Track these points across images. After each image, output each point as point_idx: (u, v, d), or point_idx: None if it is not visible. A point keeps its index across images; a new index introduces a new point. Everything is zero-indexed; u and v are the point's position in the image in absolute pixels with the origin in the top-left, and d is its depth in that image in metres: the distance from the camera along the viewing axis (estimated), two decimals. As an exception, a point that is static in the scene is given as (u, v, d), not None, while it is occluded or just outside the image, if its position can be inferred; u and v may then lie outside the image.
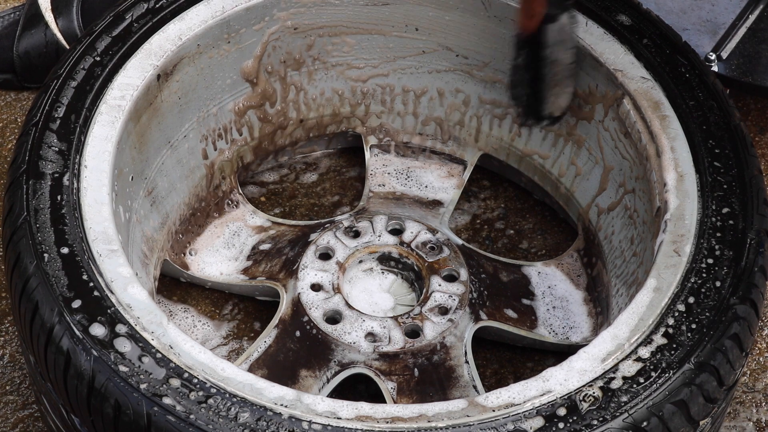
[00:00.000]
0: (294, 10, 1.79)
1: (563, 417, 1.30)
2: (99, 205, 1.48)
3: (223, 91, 1.79)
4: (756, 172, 1.56)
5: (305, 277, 1.71)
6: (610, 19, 1.70)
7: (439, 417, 1.30)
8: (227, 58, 1.76)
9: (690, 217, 1.50)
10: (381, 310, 1.72)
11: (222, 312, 1.79)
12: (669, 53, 1.67)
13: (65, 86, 1.59)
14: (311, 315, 1.67)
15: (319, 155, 1.99)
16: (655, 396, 1.32)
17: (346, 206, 1.93)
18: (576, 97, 1.74)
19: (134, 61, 1.64)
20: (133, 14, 1.68)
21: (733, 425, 1.72)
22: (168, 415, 1.28)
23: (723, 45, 1.99)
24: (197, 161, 1.80)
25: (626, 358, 1.36)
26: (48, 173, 1.50)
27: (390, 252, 1.77)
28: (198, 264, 1.79)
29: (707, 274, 1.44)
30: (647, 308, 1.41)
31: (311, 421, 1.29)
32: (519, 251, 1.88)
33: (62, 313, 1.36)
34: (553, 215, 1.92)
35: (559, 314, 1.75)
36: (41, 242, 1.42)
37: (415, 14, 1.83)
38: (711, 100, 1.62)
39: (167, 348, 1.34)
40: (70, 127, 1.55)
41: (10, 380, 1.74)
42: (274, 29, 1.79)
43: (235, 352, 1.74)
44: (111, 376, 1.31)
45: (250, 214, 1.85)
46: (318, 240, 1.76)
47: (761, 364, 1.79)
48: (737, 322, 1.40)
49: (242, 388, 1.31)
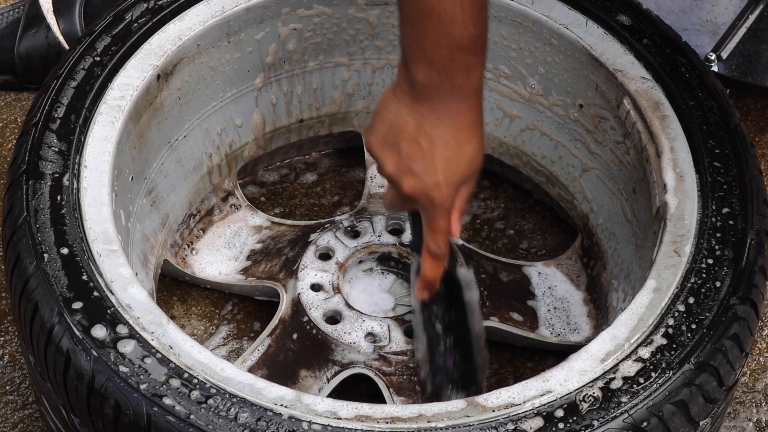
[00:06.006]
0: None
1: (563, 417, 1.30)
2: (99, 206, 1.48)
3: (223, 90, 1.79)
4: (756, 172, 1.56)
5: (305, 277, 1.71)
6: (610, 19, 1.70)
7: (438, 417, 1.30)
8: (227, 58, 1.76)
9: (690, 217, 1.50)
10: (381, 310, 1.72)
11: (222, 312, 1.79)
12: (669, 53, 1.67)
13: (65, 86, 1.59)
14: (311, 315, 1.67)
15: (319, 155, 1.99)
16: (655, 396, 1.32)
17: (346, 206, 1.93)
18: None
19: (134, 61, 1.64)
20: (132, 14, 1.68)
21: (733, 425, 1.72)
22: (168, 415, 1.28)
23: (723, 45, 1.99)
24: (197, 161, 1.80)
25: (626, 359, 1.36)
26: (48, 173, 1.50)
27: (390, 252, 1.77)
28: (198, 264, 1.79)
29: (707, 274, 1.44)
30: (647, 308, 1.41)
31: (311, 421, 1.29)
32: (519, 251, 1.88)
33: (62, 313, 1.36)
34: (553, 215, 1.92)
35: (559, 315, 1.75)
36: (41, 242, 1.42)
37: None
38: (711, 100, 1.62)
39: (167, 348, 1.34)
40: (70, 127, 1.55)
41: (10, 380, 1.74)
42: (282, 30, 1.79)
43: (235, 352, 1.74)
44: (111, 377, 1.31)
45: (250, 214, 1.85)
46: (318, 240, 1.76)
47: (761, 364, 1.79)
48: (737, 322, 1.40)
49: (242, 388, 1.31)
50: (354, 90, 1.91)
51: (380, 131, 1.38)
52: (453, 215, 1.40)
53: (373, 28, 1.85)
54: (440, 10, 1.26)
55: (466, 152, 1.35)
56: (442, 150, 1.34)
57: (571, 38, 1.71)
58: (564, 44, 1.72)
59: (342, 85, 1.90)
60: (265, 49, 1.80)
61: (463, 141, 1.34)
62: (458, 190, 1.38)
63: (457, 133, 1.34)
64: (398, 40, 1.34)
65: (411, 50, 1.31)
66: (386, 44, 1.87)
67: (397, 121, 1.35)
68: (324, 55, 1.86)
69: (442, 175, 1.35)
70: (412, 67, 1.31)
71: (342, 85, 1.90)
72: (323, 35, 1.83)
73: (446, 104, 1.32)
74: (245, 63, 1.79)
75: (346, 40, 1.85)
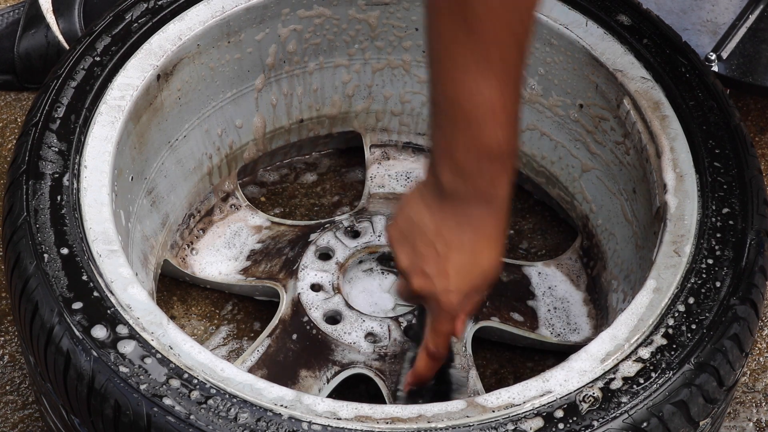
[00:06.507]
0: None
1: (563, 417, 1.30)
2: (99, 206, 1.48)
3: (223, 91, 1.79)
4: (756, 172, 1.56)
5: (305, 278, 1.71)
6: (610, 19, 1.70)
7: (438, 417, 1.30)
8: (227, 59, 1.76)
9: (690, 217, 1.50)
10: (381, 311, 1.72)
11: (222, 312, 1.79)
12: (669, 53, 1.67)
13: (65, 86, 1.59)
14: (311, 315, 1.67)
15: (319, 155, 1.99)
16: (655, 396, 1.32)
17: (346, 206, 1.93)
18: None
19: (134, 61, 1.64)
20: (132, 14, 1.68)
21: (733, 425, 1.72)
22: (168, 415, 1.28)
23: (723, 45, 1.99)
24: (197, 161, 1.80)
25: (626, 359, 1.36)
26: (48, 173, 1.50)
27: (390, 252, 1.77)
28: (198, 264, 1.79)
29: (707, 275, 1.44)
30: (647, 309, 1.41)
31: (311, 421, 1.29)
32: (519, 251, 1.88)
33: (62, 313, 1.36)
34: (553, 215, 1.92)
35: (559, 315, 1.75)
36: (41, 242, 1.42)
37: (416, 15, 1.83)
38: (711, 100, 1.62)
39: (167, 348, 1.34)
40: (69, 127, 1.55)
41: (10, 380, 1.74)
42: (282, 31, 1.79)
43: (235, 352, 1.74)
44: (111, 377, 1.31)
45: (250, 215, 1.85)
46: (318, 240, 1.76)
47: (761, 364, 1.79)
48: (737, 322, 1.40)
49: (242, 388, 1.31)
50: (354, 91, 1.91)
51: (400, 225, 1.37)
52: (458, 318, 1.39)
53: (372, 30, 1.85)
54: (470, 114, 1.23)
55: (482, 262, 1.34)
56: (456, 257, 1.32)
57: (571, 38, 1.71)
58: (564, 44, 1.72)
59: (342, 86, 1.90)
60: (265, 50, 1.80)
61: (480, 250, 1.33)
62: (468, 296, 1.37)
63: (475, 241, 1.32)
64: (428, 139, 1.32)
65: (438, 152, 1.29)
66: (386, 45, 1.87)
67: (417, 219, 1.34)
68: (324, 56, 1.86)
69: (453, 282, 1.34)
70: (438, 169, 1.29)
71: (342, 87, 1.90)
72: (323, 36, 1.84)
73: (469, 210, 1.30)
74: (245, 63, 1.79)
75: (346, 41, 1.85)
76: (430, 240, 1.33)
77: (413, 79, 1.90)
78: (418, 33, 1.85)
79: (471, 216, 1.31)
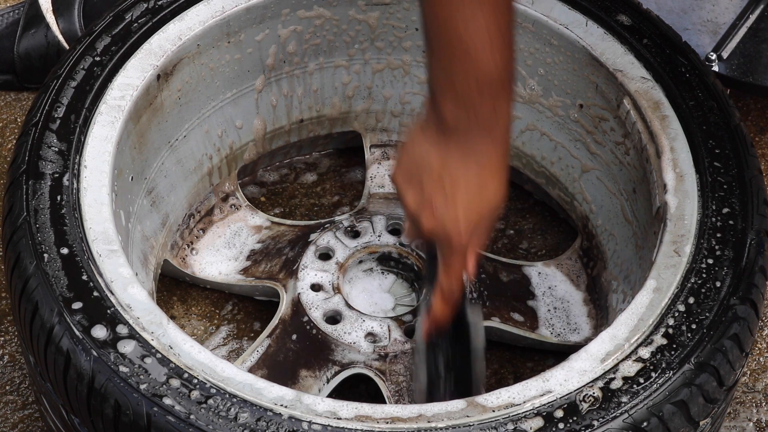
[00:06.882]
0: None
1: (563, 417, 1.30)
2: (99, 206, 1.48)
3: (223, 91, 1.79)
4: (756, 172, 1.56)
5: (305, 277, 1.71)
6: (610, 19, 1.70)
7: (438, 417, 1.30)
8: (227, 59, 1.76)
9: (690, 217, 1.50)
10: (381, 311, 1.73)
11: (222, 312, 1.79)
12: (669, 53, 1.67)
13: (65, 86, 1.59)
14: (311, 315, 1.67)
15: (319, 155, 1.99)
16: (655, 396, 1.32)
17: (346, 206, 1.93)
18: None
19: (134, 61, 1.64)
20: (132, 14, 1.68)
21: (733, 425, 1.72)
22: (168, 415, 1.28)
23: (723, 45, 1.99)
24: (197, 161, 1.80)
25: (626, 359, 1.36)
26: (48, 173, 1.50)
27: (390, 252, 1.77)
28: (198, 264, 1.79)
29: (707, 275, 1.44)
30: (647, 308, 1.41)
31: (311, 421, 1.29)
32: (519, 251, 1.88)
33: (62, 313, 1.36)
34: (553, 215, 1.92)
35: (559, 315, 1.75)
36: (41, 242, 1.42)
37: (416, 16, 1.83)
38: (711, 100, 1.62)
39: (167, 348, 1.34)
40: (69, 127, 1.55)
41: (10, 380, 1.74)
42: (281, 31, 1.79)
43: (235, 352, 1.74)
44: (111, 377, 1.31)
45: (250, 215, 1.85)
46: (318, 240, 1.76)
47: (761, 364, 1.79)
48: (737, 322, 1.40)
49: (242, 388, 1.31)
50: (354, 92, 1.91)
51: (405, 165, 1.37)
52: (469, 254, 1.39)
53: (372, 30, 1.85)
54: (467, 41, 1.24)
55: (488, 191, 1.35)
56: (464, 192, 1.33)
57: (571, 38, 1.71)
58: (564, 44, 1.72)
59: (342, 87, 1.90)
60: (265, 50, 1.80)
61: (486, 183, 1.34)
62: (477, 230, 1.37)
63: (481, 174, 1.33)
64: (426, 76, 1.33)
65: (438, 86, 1.30)
66: (386, 45, 1.87)
67: (422, 158, 1.34)
68: (324, 56, 1.86)
69: (463, 219, 1.34)
70: (440, 103, 1.30)
71: (342, 87, 1.90)
72: (323, 37, 1.84)
73: (472, 143, 1.31)
74: (245, 64, 1.79)
75: (346, 41, 1.85)
76: (437, 177, 1.34)
77: (413, 80, 1.90)
78: (418, 33, 1.85)
79: (475, 148, 1.31)
